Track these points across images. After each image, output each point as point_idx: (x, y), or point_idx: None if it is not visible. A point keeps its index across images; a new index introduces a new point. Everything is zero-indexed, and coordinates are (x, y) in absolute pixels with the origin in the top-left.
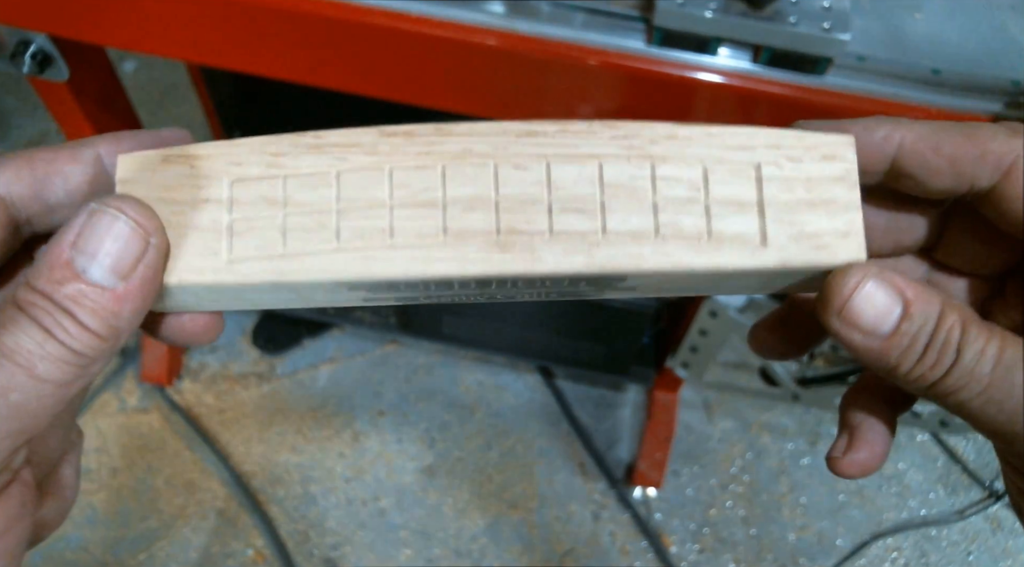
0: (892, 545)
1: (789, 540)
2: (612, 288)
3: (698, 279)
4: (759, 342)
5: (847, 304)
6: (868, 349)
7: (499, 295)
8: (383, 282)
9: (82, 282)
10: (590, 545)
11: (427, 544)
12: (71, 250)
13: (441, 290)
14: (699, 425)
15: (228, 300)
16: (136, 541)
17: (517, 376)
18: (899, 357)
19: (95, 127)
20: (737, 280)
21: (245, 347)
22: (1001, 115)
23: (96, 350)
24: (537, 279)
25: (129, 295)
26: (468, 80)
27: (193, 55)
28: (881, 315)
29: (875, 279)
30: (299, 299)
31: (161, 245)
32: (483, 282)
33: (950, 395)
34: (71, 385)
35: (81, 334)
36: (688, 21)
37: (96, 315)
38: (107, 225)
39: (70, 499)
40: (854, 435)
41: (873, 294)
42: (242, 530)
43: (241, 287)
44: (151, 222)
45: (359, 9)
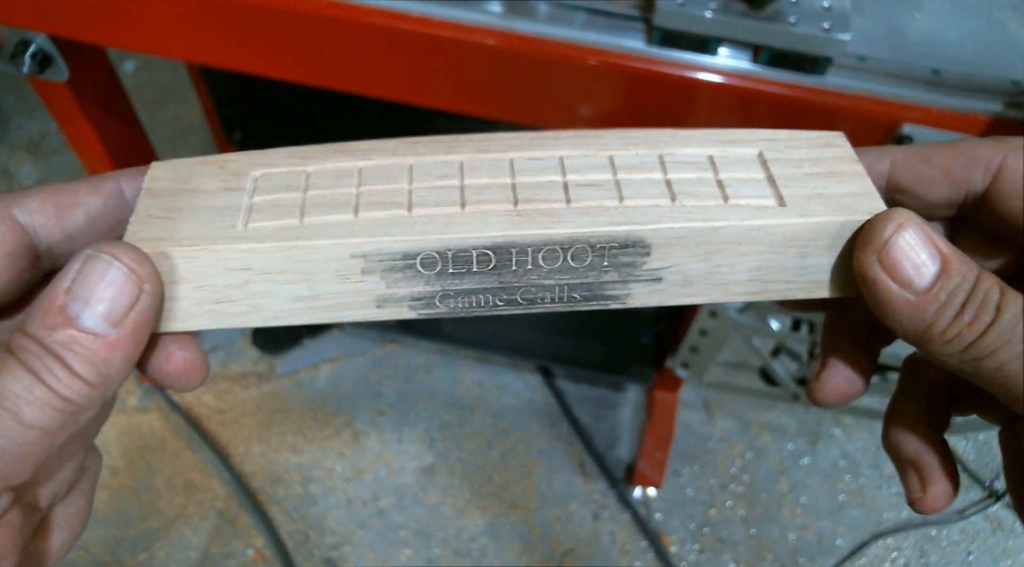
0: (892, 545)
1: (789, 540)
2: (636, 279)
3: (724, 251)
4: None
5: (887, 246)
6: (903, 303)
7: (520, 295)
8: (399, 253)
9: (74, 328)
10: (590, 545)
11: (427, 544)
12: (65, 296)
13: (459, 274)
14: (699, 425)
15: (232, 295)
16: (136, 541)
17: (517, 376)
18: (936, 313)
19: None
20: (763, 252)
21: (245, 347)
22: (1001, 115)
23: (85, 397)
24: (558, 246)
25: (121, 342)
26: (468, 80)
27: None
28: (918, 267)
29: (916, 228)
30: (308, 289)
31: (155, 291)
32: (502, 264)
33: (987, 357)
34: (58, 432)
35: (71, 381)
36: (688, 21)
37: (87, 362)
38: (100, 271)
39: (79, 530)
40: (827, 363)
41: (913, 243)
42: (242, 530)
43: (250, 261)
44: (145, 268)
45: (359, 9)
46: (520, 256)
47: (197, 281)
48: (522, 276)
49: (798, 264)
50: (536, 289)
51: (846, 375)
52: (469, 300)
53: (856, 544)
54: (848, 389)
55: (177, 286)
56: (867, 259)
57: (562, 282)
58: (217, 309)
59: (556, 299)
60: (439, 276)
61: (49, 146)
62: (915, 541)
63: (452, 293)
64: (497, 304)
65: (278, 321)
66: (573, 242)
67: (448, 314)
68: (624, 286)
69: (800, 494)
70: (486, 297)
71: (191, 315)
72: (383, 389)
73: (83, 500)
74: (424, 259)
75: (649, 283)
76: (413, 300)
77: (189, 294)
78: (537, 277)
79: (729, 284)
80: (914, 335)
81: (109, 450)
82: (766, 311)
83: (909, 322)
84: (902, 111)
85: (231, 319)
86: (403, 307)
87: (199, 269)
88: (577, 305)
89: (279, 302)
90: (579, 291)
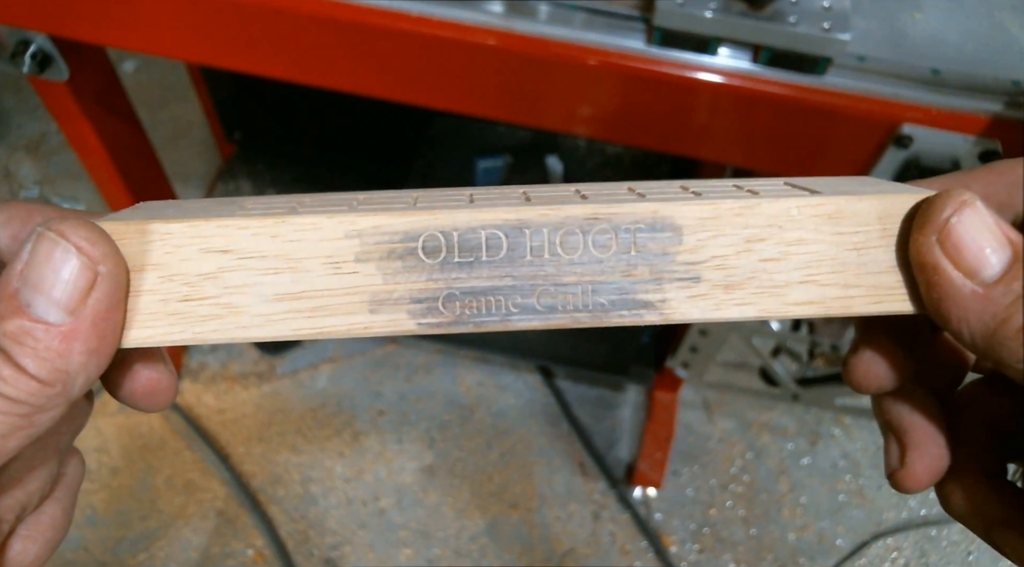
0: (892, 545)
1: (789, 540)
2: (671, 276)
3: (765, 237)
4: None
5: (948, 225)
6: (969, 295)
7: (538, 299)
8: (399, 233)
9: (25, 317)
10: (590, 545)
11: (427, 544)
12: (18, 280)
13: (466, 263)
14: (699, 425)
15: (203, 289)
16: (136, 541)
17: (517, 376)
18: (1009, 306)
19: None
20: (810, 240)
21: (245, 347)
22: (1001, 115)
23: (39, 397)
24: (578, 227)
25: (78, 333)
26: (468, 80)
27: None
28: (983, 252)
29: (979, 206)
30: (292, 283)
31: (115, 274)
32: (515, 251)
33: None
34: (8, 437)
35: (17, 378)
36: (688, 21)
37: (38, 356)
38: (48, 252)
39: (55, 541)
40: (908, 441)
41: (979, 223)
42: (242, 530)
43: (232, 240)
44: (98, 248)
45: (359, 9)
46: (535, 240)
47: (166, 268)
48: (539, 268)
49: (854, 260)
50: (556, 290)
51: (933, 452)
52: (478, 304)
53: (856, 544)
54: (941, 465)
55: (143, 275)
56: (925, 240)
57: (585, 279)
58: (184, 310)
59: (579, 306)
60: (443, 267)
61: (49, 146)
62: (915, 541)
63: (458, 293)
64: (511, 310)
65: (252, 330)
66: (594, 222)
67: (454, 325)
68: (658, 287)
69: (800, 494)
70: (497, 300)
71: (154, 317)
72: (383, 389)
73: (58, 510)
74: (427, 242)
75: (686, 284)
76: (413, 302)
77: (154, 286)
78: (555, 270)
79: (780, 288)
80: (983, 337)
81: (109, 450)
82: None
83: (977, 319)
84: (902, 111)
85: (199, 326)
86: (401, 313)
87: (172, 250)
88: (607, 316)
89: (256, 302)
90: (606, 294)
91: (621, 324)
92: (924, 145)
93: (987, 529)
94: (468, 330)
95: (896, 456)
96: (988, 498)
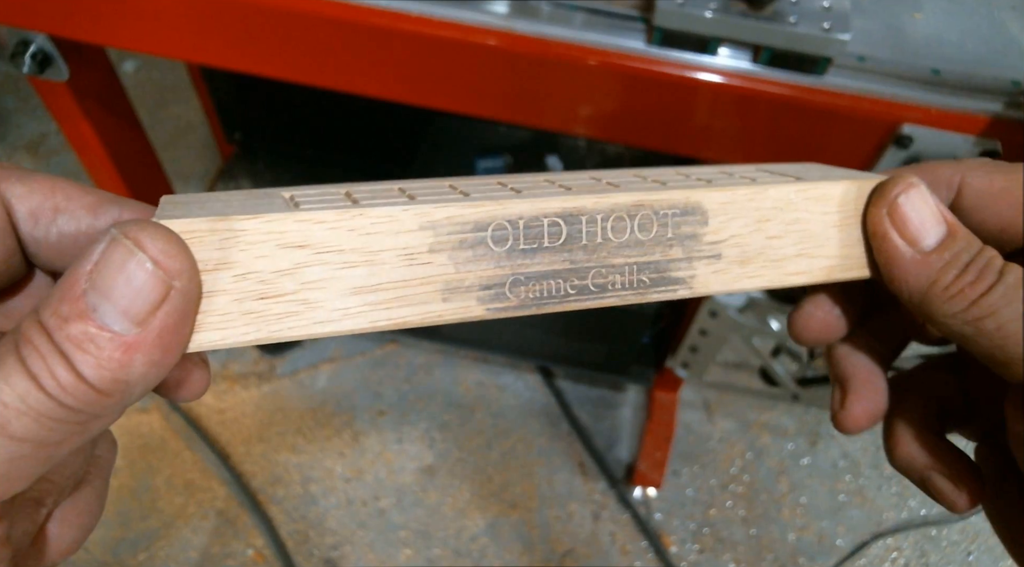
0: (892, 545)
1: (789, 540)
2: (698, 255)
3: (771, 218)
4: (805, 322)
5: (896, 200)
6: (909, 260)
7: (591, 279)
8: (470, 223)
9: (90, 323)
10: (590, 545)
11: (427, 544)
12: (86, 282)
13: (529, 251)
14: (699, 425)
15: (280, 285)
16: (136, 541)
17: (517, 376)
18: (940, 271)
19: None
20: (802, 219)
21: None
22: (1001, 115)
23: (95, 406)
24: (625, 213)
25: (142, 345)
26: (468, 80)
27: (193, 55)
28: (924, 225)
29: (923, 189)
30: (369, 276)
31: (190, 290)
32: (572, 237)
33: (988, 317)
34: (60, 444)
35: (76, 386)
36: (688, 21)
37: (99, 365)
38: (121, 261)
39: (89, 525)
40: (849, 387)
41: (921, 202)
42: (242, 530)
43: (309, 235)
44: (176, 262)
45: (359, 9)
46: (590, 226)
47: (241, 266)
48: (592, 253)
49: (836, 236)
50: (607, 270)
51: (870, 397)
52: (540, 288)
53: (856, 544)
54: (876, 410)
55: (216, 274)
56: (878, 212)
57: (631, 260)
58: (260, 308)
59: (626, 284)
60: (510, 254)
61: (49, 146)
62: (915, 541)
63: (523, 278)
64: (569, 292)
65: (329, 326)
66: (639, 208)
67: (518, 309)
68: (688, 265)
69: (800, 494)
70: (557, 283)
71: (227, 318)
72: (383, 389)
73: (92, 494)
74: (496, 230)
75: (711, 261)
76: (482, 289)
77: (228, 285)
78: (607, 254)
79: (781, 262)
80: (919, 294)
81: None
82: (766, 311)
83: (915, 280)
84: (902, 111)
85: (274, 325)
86: (471, 300)
87: (247, 247)
88: (647, 292)
89: (333, 297)
90: (647, 272)
91: (659, 299)
92: (924, 145)
93: (922, 474)
94: (531, 313)
95: (838, 400)
96: (926, 449)
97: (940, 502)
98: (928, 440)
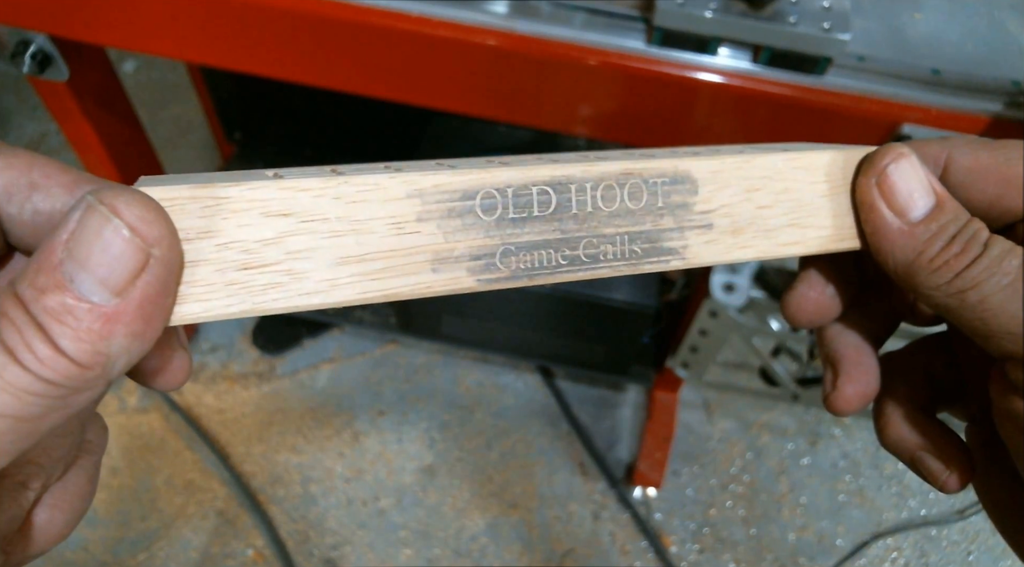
0: (892, 545)
1: (789, 540)
2: (690, 224)
3: (761, 188)
4: (799, 303)
5: (885, 171)
6: (896, 231)
7: (582, 250)
8: (458, 191)
9: (68, 294)
10: (590, 545)
11: (427, 544)
12: (63, 251)
13: (519, 220)
14: (699, 425)
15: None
16: (136, 541)
17: (517, 376)
18: (926, 242)
19: (95, 127)
20: (792, 188)
21: (245, 347)
22: (1001, 115)
23: (76, 380)
24: (614, 181)
25: (123, 316)
26: (468, 80)
27: (193, 55)
28: (913, 196)
29: (912, 159)
30: (356, 245)
31: (169, 258)
32: (562, 206)
33: (972, 289)
34: (41, 419)
35: (55, 360)
36: (688, 21)
37: (78, 338)
38: (97, 228)
39: (80, 509)
40: (840, 368)
41: (910, 173)
42: (242, 530)
43: (293, 203)
44: (154, 229)
45: (359, 9)
46: (579, 195)
47: (223, 235)
48: (583, 222)
49: (826, 205)
50: (598, 240)
51: (861, 378)
52: (531, 258)
53: (856, 544)
54: (868, 390)
55: (197, 243)
56: (866, 182)
57: (622, 230)
58: (243, 279)
59: (618, 254)
60: (499, 223)
61: (49, 146)
62: (915, 541)
63: (513, 248)
64: (560, 263)
65: (315, 297)
66: (628, 177)
67: (510, 280)
68: (680, 235)
69: (800, 494)
70: (548, 253)
71: (210, 289)
72: (383, 389)
73: (83, 478)
74: (484, 199)
75: (702, 231)
76: (472, 259)
77: (210, 255)
78: (597, 224)
79: (772, 232)
80: (904, 265)
81: (109, 450)
82: (766, 311)
83: (901, 251)
84: (902, 111)
85: (259, 296)
86: (460, 270)
87: (228, 216)
88: (639, 263)
89: (320, 267)
90: (639, 242)
91: (652, 271)
92: None
93: (912, 454)
94: (522, 283)
95: (830, 381)
96: (916, 428)
97: (930, 482)
98: (918, 420)
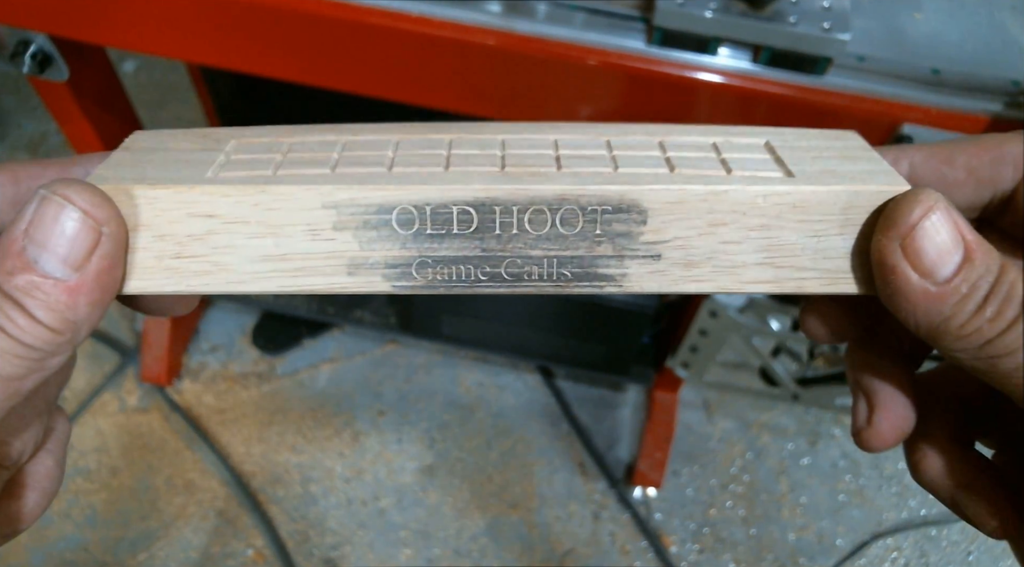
0: (892, 545)
1: (789, 540)
2: (633, 254)
3: (728, 222)
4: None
5: (914, 231)
6: (921, 294)
7: (504, 268)
8: (373, 205)
9: (34, 273)
10: (590, 545)
11: (427, 544)
12: (24, 238)
13: (437, 235)
14: (699, 425)
15: (193, 248)
16: (136, 541)
17: (517, 376)
18: (955, 306)
19: (95, 127)
20: (771, 226)
21: (245, 347)
22: (1001, 115)
23: (50, 344)
24: (546, 206)
25: (83, 287)
26: (468, 80)
27: (193, 55)
28: (942, 255)
29: (944, 212)
30: (275, 246)
31: (117, 234)
32: (484, 226)
33: (1007, 355)
34: (24, 378)
35: (33, 327)
36: (688, 21)
37: (49, 308)
38: (54, 214)
39: (51, 490)
40: (876, 401)
41: (939, 228)
42: (242, 530)
43: (215, 206)
44: (102, 211)
45: (359, 9)
46: (504, 217)
47: (158, 228)
48: (507, 243)
49: (812, 246)
50: (522, 261)
51: (899, 411)
52: (449, 271)
53: (856, 544)
54: (906, 425)
55: (137, 233)
56: (889, 244)
57: (551, 253)
58: (177, 265)
59: (545, 276)
60: (416, 237)
61: (49, 146)
62: (915, 541)
63: (430, 261)
64: (479, 279)
65: (240, 286)
66: (562, 202)
67: (426, 288)
68: (619, 263)
69: (800, 494)
70: (467, 268)
71: (149, 271)
72: (383, 389)
73: (51, 460)
74: (400, 214)
75: (647, 261)
76: (388, 268)
77: (149, 244)
78: (523, 245)
79: (737, 268)
80: (927, 329)
81: (109, 450)
82: (766, 311)
83: (924, 315)
84: (902, 111)
85: (191, 280)
86: (376, 276)
87: (160, 213)
88: (568, 286)
89: (243, 261)
90: (570, 267)
91: (582, 294)
92: None
93: (952, 493)
94: (439, 293)
95: (864, 415)
96: (955, 464)
97: (973, 525)
98: (955, 453)
